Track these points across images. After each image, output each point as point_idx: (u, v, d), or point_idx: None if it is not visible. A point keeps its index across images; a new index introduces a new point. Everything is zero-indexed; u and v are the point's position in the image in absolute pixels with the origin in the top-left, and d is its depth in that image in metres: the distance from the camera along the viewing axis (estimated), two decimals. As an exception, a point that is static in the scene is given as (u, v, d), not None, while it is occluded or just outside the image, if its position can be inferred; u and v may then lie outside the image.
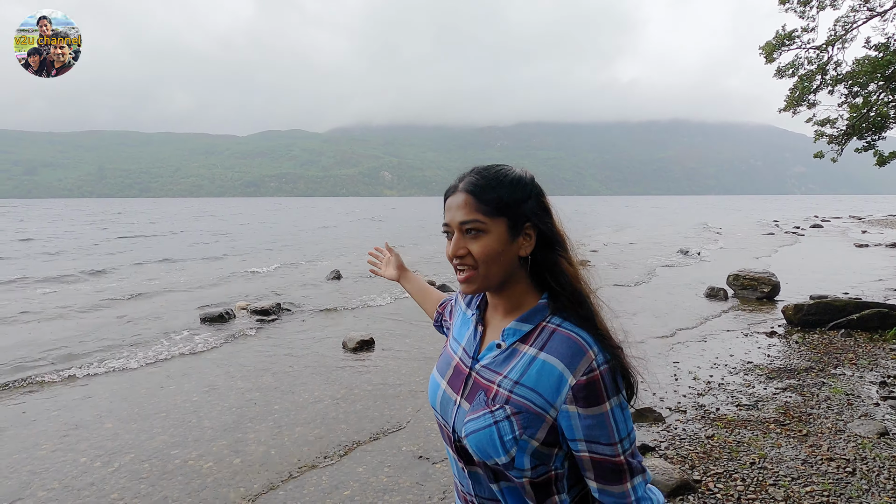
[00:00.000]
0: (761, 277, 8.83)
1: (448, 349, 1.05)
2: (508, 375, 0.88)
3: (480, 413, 0.88)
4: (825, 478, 2.99)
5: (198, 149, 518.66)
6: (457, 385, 0.96)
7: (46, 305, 8.82)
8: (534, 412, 0.84)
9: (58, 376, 5.22)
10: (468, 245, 0.89)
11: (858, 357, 5.33)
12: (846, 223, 32.69)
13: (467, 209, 0.89)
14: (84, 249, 19.10)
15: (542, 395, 0.84)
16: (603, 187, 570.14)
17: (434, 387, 1.02)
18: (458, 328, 1.07)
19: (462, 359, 0.98)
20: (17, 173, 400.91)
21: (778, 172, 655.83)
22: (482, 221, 0.88)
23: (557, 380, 0.83)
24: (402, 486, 3.12)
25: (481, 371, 0.93)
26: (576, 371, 0.83)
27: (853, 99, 9.65)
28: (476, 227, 0.88)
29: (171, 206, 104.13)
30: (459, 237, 0.90)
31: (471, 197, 0.89)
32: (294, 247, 20.05)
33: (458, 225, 0.90)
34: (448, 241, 0.93)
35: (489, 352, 0.94)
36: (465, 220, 0.89)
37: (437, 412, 1.01)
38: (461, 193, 0.90)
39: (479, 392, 0.90)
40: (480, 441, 0.86)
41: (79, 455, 3.56)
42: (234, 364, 5.59)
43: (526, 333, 0.90)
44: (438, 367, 1.05)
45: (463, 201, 0.89)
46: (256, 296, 9.44)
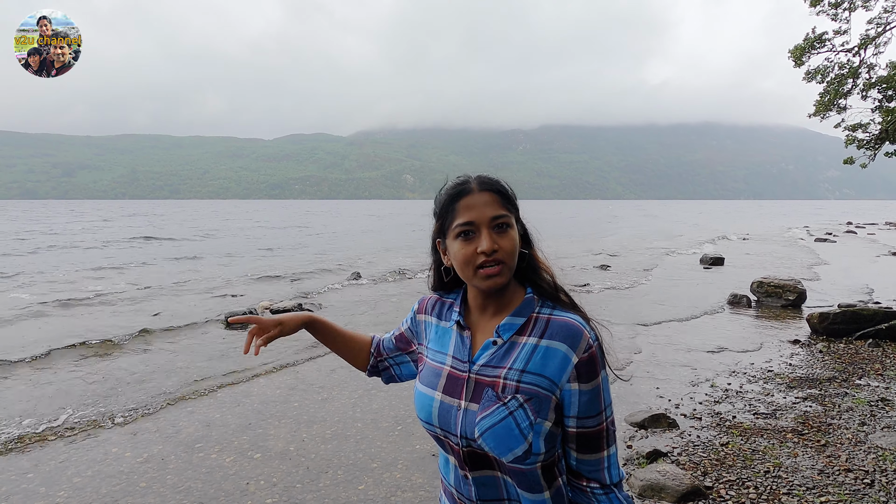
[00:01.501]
0: (787, 285, 8.63)
1: (430, 362, 1.05)
2: (513, 366, 0.92)
3: (493, 408, 0.90)
4: (841, 489, 2.95)
5: (225, 152, 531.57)
6: (456, 391, 0.97)
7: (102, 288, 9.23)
8: (542, 395, 0.90)
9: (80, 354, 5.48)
10: (498, 240, 0.92)
11: (885, 368, 5.18)
12: (882, 229, 31.47)
13: (496, 205, 0.94)
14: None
15: (549, 378, 0.90)
16: (627, 191, 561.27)
17: (425, 400, 1.01)
18: (436, 341, 1.07)
19: (454, 366, 1.00)
20: (56, 175, 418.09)
21: (810, 176, 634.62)
22: (508, 216, 0.94)
23: (562, 360, 0.90)
24: (415, 483, 3.20)
25: (481, 371, 0.95)
26: (577, 350, 0.91)
27: (888, 103, 9.35)
28: (506, 222, 0.94)
29: (212, 206, 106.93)
30: (489, 233, 0.92)
31: (495, 194, 0.95)
32: (331, 251, 20.40)
33: (488, 220, 0.93)
34: (465, 241, 0.93)
35: (485, 351, 0.97)
36: (497, 214, 0.93)
37: (432, 426, 1.00)
38: (483, 193, 0.94)
39: (486, 390, 0.93)
40: (498, 434, 0.89)
41: (112, 446, 3.76)
42: (253, 363, 5.77)
43: (521, 326, 0.96)
44: (424, 381, 1.04)
45: (490, 198, 0.94)
46: (280, 296, 9.69)
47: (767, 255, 17.50)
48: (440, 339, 1.06)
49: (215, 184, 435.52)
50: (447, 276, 1.08)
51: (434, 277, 1.13)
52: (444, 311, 1.09)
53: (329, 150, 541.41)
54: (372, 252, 19.04)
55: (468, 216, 0.93)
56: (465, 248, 0.93)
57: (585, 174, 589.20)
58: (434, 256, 1.09)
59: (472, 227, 0.93)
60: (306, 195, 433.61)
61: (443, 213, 0.99)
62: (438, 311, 1.10)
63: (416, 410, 1.04)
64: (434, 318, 1.10)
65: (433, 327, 1.10)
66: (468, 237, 0.93)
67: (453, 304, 1.07)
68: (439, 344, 1.06)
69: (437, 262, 1.09)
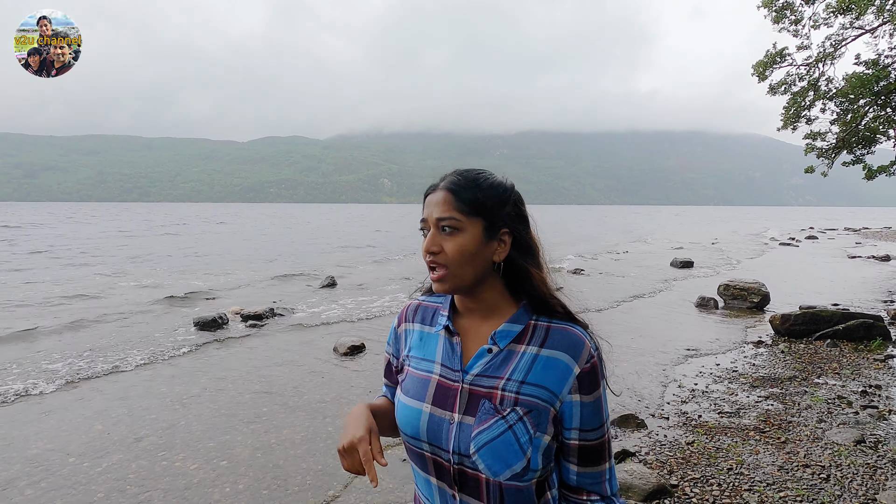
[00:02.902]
0: (751, 287, 8.91)
1: (415, 371, 0.97)
2: (512, 377, 0.87)
3: (491, 421, 0.85)
4: (799, 484, 3.05)
5: (198, 154, 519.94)
6: (448, 403, 0.90)
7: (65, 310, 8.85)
8: (542, 407, 0.86)
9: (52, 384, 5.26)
10: (443, 242, 0.89)
11: (842, 367, 5.40)
12: (840, 234, 32.88)
13: (445, 206, 0.89)
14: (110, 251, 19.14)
15: (549, 389, 0.86)
16: (602, 196, 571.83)
17: (411, 413, 0.92)
18: (420, 348, 0.99)
19: (444, 375, 0.92)
20: (17, 176, 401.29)
21: (776, 184, 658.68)
22: (458, 219, 0.88)
23: (563, 371, 0.87)
24: (385, 488, 3.17)
25: (476, 381, 0.89)
26: (580, 360, 0.87)
27: (845, 116, 9.81)
28: (452, 225, 0.88)
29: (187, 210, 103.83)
30: (435, 233, 0.89)
31: (450, 195, 0.90)
32: (301, 255, 20.10)
33: (434, 221, 0.89)
34: (424, 237, 0.92)
35: (479, 359, 0.91)
36: (441, 216, 0.89)
37: (418, 441, 0.92)
38: (441, 191, 0.91)
39: (482, 402, 0.87)
40: (497, 450, 0.84)
41: (68, 455, 3.61)
42: (224, 367, 5.64)
43: (518, 334, 0.91)
44: (408, 392, 0.95)
45: (442, 198, 0.90)
46: (250, 301, 9.50)
47: (734, 259, 18.05)
48: (424, 345, 0.98)
49: (187, 186, 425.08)
50: None
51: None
52: (430, 315, 1.01)
53: (305, 154, 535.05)
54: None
55: (424, 213, 0.92)
56: (422, 246, 0.91)
57: (561, 179, 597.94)
58: None
59: (425, 224, 0.92)
60: (282, 198, 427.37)
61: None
62: (422, 316, 1.02)
63: (400, 425, 0.94)
64: (417, 323, 1.02)
65: (414, 333, 1.02)
66: (425, 234, 0.92)
67: (440, 308, 1.00)
68: (423, 350, 0.98)
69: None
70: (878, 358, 5.63)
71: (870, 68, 8.99)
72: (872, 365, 5.43)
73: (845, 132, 9.65)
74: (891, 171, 9.88)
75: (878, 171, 9.85)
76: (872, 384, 4.81)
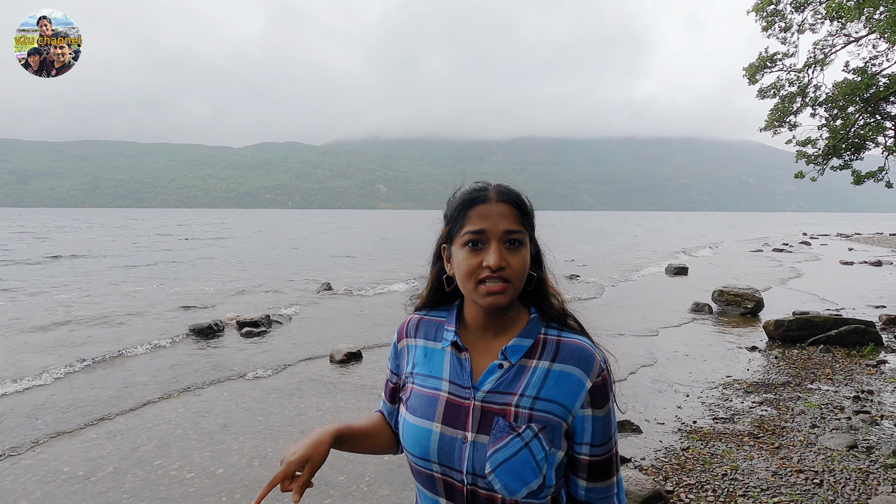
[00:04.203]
0: (745, 293, 8.98)
1: (420, 389, 0.93)
2: (525, 393, 0.86)
3: (507, 439, 0.83)
4: (793, 489, 3.08)
5: (193, 160, 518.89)
6: (459, 421, 0.87)
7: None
8: (555, 423, 0.85)
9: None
10: (507, 256, 0.85)
11: (835, 372, 5.45)
12: (833, 240, 33.15)
13: (512, 219, 0.86)
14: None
15: (562, 404, 0.85)
16: (596, 202, 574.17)
17: (420, 434, 0.89)
18: (424, 364, 0.95)
19: (454, 393, 0.89)
20: (10, 182, 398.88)
21: (769, 189, 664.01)
22: (523, 233, 0.87)
23: (576, 386, 0.86)
24: (381, 495, 3.17)
25: (488, 397, 0.87)
26: (591, 374, 0.87)
27: (834, 122, 9.95)
28: (520, 239, 0.86)
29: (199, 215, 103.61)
30: (499, 247, 0.84)
31: (513, 208, 0.87)
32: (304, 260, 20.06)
33: (501, 234, 0.85)
34: (472, 251, 0.86)
35: (490, 375, 0.88)
36: (511, 229, 0.85)
37: (428, 462, 0.88)
38: (501, 203, 0.87)
39: (496, 419, 0.85)
40: (514, 469, 0.82)
41: (62, 465, 3.59)
42: (220, 375, 5.62)
43: (528, 348, 0.89)
44: (415, 412, 0.91)
45: (507, 210, 0.87)
46: (246, 307, 9.48)
47: (727, 265, 18.17)
48: (429, 361, 0.95)
49: (182, 192, 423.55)
50: (448, 285, 0.97)
51: (429, 291, 1.01)
52: (434, 330, 0.97)
53: (301, 159, 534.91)
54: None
55: (480, 224, 0.85)
56: (471, 259, 0.85)
57: (556, 185, 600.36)
58: (436, 267, 0.99)
59: (481, 236, 0.85)
60: (277, 204, 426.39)
61: (453, 218, 0.90)
62: (425, 331, 0.98)
63: (407, 446, 0.91)
64: (420, 339, 0.98)
65: (418, 349, 0.98)
66: (476, 247, 0.85)
67: (444, 323, 0.96)
68: (428, 367, 0.94)
69: (438, 272, 0.99)
70: (871, 363, 5.69)
71: (859, 76, 9.14)
72: (865, 370, 5.48)
73: (835, 139, 9.78)
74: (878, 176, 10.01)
75: (865, 176, 9.98)
76: (865, 389, 4.86)
